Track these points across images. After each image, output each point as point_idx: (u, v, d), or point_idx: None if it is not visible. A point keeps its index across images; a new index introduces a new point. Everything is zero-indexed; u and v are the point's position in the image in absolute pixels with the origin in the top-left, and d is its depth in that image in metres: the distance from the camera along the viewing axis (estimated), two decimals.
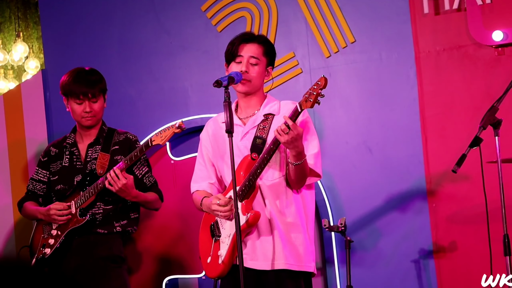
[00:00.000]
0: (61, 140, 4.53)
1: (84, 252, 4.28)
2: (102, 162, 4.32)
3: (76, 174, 4.37)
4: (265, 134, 3.69)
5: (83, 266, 4.27)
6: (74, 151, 4.43)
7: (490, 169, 4.02)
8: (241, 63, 3.71)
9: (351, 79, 4.93)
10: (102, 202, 4.30)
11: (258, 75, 3.74)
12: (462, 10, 4.67)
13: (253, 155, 3.66)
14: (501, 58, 4.60)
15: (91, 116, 4.36)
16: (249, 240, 3.66)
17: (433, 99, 4.75)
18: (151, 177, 4.42)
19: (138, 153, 4.12)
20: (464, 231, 4.65)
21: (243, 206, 3.61)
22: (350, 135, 4.91)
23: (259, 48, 3.75)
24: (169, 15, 5.37)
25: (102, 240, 4.30)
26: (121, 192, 4.17)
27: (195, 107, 5.24)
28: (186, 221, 5.20)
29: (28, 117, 5.61)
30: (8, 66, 6.52)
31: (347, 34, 4.93)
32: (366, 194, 4.84)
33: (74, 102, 4.36)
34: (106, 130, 4.44)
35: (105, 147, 4.37)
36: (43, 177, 4.51)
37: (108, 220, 4.31)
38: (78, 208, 4.29)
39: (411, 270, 4.75)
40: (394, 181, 4.79)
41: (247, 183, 3.60)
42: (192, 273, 5.22)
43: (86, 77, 4.37)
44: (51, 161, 4.48)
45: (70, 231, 4.29)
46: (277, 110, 3.76)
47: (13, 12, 6.47)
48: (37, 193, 4.52)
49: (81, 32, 5.57)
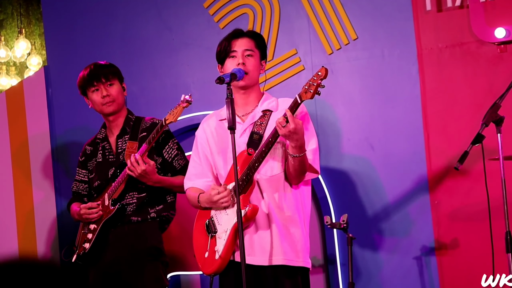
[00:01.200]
0: (94, 137, 4.55)
1: (120, 244, 4.29)
2: (131, 150, 4.31)
3: (110, 167, 4.38)
4: (262, 130, 3.70)
5: (119, 259, 4.28)
6: (105, 146, 4.44)
7: (492, 166, 4.02)
8: (236, 57, 3.73)
9: (353, 76, 4.93)
10: (135, 191, 4.30)
11: (255, 67, 3.77)
12: (465, 7, 4.66)
13: (249, 150, 3.67)
14: (504, 55, 4.60)
15: (110, 101, 4.36)
16: (246, 234, 3.64)
17: (435, 96, 4.75)
18: (182, 159, 4.38)
19: (155, 134, 4.15)
20: (466, 228, 4.65)
21: (240, 201, 3.61)
22: (352, 132, 4.91)
23: (251, 41, 3.80)
24: (171, 11, 5.37)
25: (137, 230, 4.29)
26: (142, 177, 4.17)
27: (197, 103, 5.23)
28: (187, 218, 5.20)
29: (30, 114, 5.62)
30: (10, 63, 6.52)
31: (349, 31, 4.93)
32: (368, 191, 4.84)
33: (91, 93, 4.38)
34: (133, 119, 4.45)
35: (132, 135, 4.38)
36: (83, 177, 4.53)
37: (143, 207, 4.31)
38: (110, 199, 4.30)
39: (413, 267, 4.75)
40: (396, 178, 4.79)
41: (244, 178, 3.61)
42: (194, 270, 5.22)
43: (97, 65, 4.41)
44: (88, 160, 4.51)
45: (104, 223, 4.30)
46: (275, 107, 3.77)
47: (16, 9, 6.47)
48: (81, 193, 4.54)
49: (83, 28, 5.57)
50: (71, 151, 5.40)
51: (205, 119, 3.95)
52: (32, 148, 5.58)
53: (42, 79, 5.63)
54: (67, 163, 5.42)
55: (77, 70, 4.57)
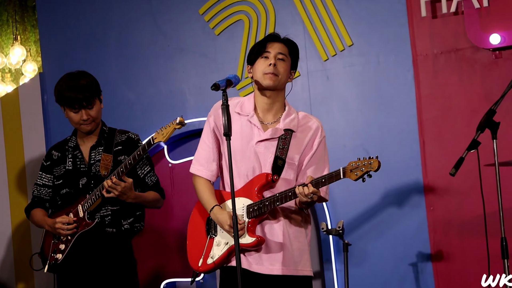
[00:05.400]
0: (62, 142, 4.50)
1: (95, 254, 4.28)
2: (106, 163, 4.30)
3: (81, 177, 4.35)
4: (284, 155, 3.67)
5: (93, 270, 4.27)
6: (77, 154, 4.40)
7: (488, 172, 4.02)
8: (269, 58, 3.69)
9: (349, 82, 4.94)
10: (109, 203, 4.28)
11: (285, 71, 3.71)
12: (460, 14, 4.67)
13: (274, 177, 3.64)
14: (499, 61, 4.61)
15: (89, 122, 4.32)
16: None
17: (430, 102, 4.75)
18: (153, 176, 4.40)
19: (141, 151, 4.07)
20: (462, 234, 4.65)
21: (249, 224, 3.60)
22: (347, 138, 4.91)
23: (285, 47, 3.74)
24: (166, 18, 5.38)
25: (111, 240, 4.29)
26: (121, 196, 4.17)
27: (193, 110, 5.24)
28: (183, 224, 5.19)
29: (25, 120, 5.61)
30: (5, 70, 6.51)
31: (345, 37, 4.94)
32: (364, 197, 4.84)
33: (70, 111, 4.32)
34: (106, 130, 4.42)
35: (107, 148, 4.35)
36: (47, 182, 4.48)
37: (116, 219, 4.31)
38: (85, 211, 4.27)
39: (409, 273, 4.74)
40: (391, 184, 4.79)
41: (263, 208, 3.59)
42: (190, 277, 5.20)
43: (78, 82, 4.28)
44: (54, 165, 4.45)
45: (79, 235, 4.27)
46: (296, 126, 3.73)
47: (11, 16, 6.47)
48: (43, 198, 4.49)
49: (78, 35, 5.57)
50: None
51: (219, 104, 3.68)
52: (27, 154, 5.57)
53: (37, 85, 5.62)
54: None
55: None
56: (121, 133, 4.42)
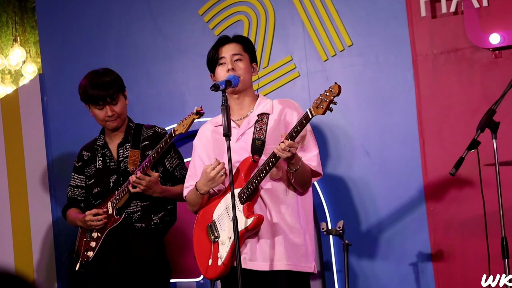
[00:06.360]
0: (91, 142, 4.54)
1: (124, 252, 4.29)
2: (134, 159, 4.32)
3: (111, 175, 4.38)
4: (263, 135, 3.71)
5: (123, 267, 4.29)
6: (106, 152, 4.43)
7: (488, 172, 4.02)
8: (225, 63, 3.75)
9: (348, 82, 4.93)
10: (138, 199, 4.30)
11: (245, 70, 3.78)
12: (459, 13, 4.67)
13: (254, 157, 3.67)
14: (499, 61, 4.61)
15: (115, 119, 4.35)
16: (249, 241, 3.66)
17: (430, 102, 4.75)
18: (183, 169, 4.40)
19: (163, 144, 4.10)
20: (462, 234, 4.65)
21: (244, 209, 3.61)
22: (347, 139, 4.91)
23: (237, 46, 3.82)
24: (166, 19, 5.38)
25: (141, 237, 4.30)
26: (147, 191, 4.18)
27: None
28: (184, 224, 5.19)
29: (25, 122, 5.61)
30: (5, 71, 6.51)
31: (345, 38, 4.94)
32: (364, 198, 4.84)
33: (94, 108, 4.35)
34: (133, 126, 4.44)
35: (134, 143, 4.37)
36: (80, 182, 4.52)
37: (146, 214, 4.31)
38: (114, 208, 4.29)
39: (409, 274, 4.74)
40: (391, 184, 4.79)
41: (250, 186, 3.61)
42: (190, 277, 5.21)
43: (102, 80, 4.33)
44: (85, 165, 4.49)
45: (109, 231, 4.29)
46: (270, 109, 3.79)
47: (10, 17, 6.47)
48: (78, 199, 4.53)
49: (78, 36, 5.57)
50: (66, 159, 5.38)
51: (201, 127, 3.97)
52: (27, 156, 5.57)
53: (37, 87, 5.62)
54: (63, 171, 5.41)
55: (72, 78, 4.56)
56: (148, 128, 4.46)
